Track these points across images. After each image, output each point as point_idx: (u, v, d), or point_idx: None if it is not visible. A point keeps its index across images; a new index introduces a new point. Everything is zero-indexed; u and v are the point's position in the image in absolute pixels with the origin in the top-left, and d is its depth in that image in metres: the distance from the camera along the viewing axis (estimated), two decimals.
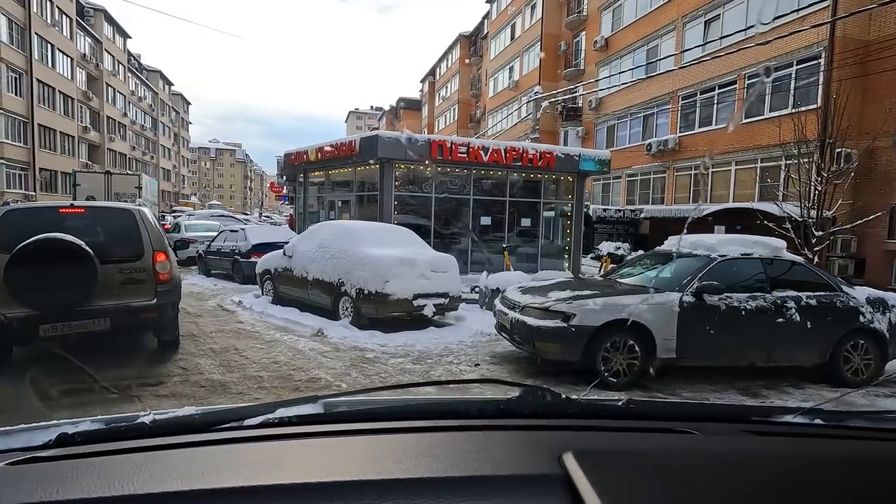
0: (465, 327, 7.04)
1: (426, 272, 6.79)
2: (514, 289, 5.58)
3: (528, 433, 0.91)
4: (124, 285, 4.79)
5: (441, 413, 0.99)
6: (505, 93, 36.22)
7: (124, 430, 0.88)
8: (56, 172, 32.21)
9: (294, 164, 15.97)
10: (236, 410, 0.96)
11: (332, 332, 6.42)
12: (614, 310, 4.57)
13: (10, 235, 4.34)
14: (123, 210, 5.09)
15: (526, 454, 0.79)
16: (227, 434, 0.86)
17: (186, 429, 0.89)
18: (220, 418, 0.93)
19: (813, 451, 0.93)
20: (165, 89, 60.37)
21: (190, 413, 0.95)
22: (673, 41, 21.71)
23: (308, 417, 0.93)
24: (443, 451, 0.79)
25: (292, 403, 0.96)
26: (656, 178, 22.98)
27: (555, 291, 4.96)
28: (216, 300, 9.10)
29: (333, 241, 7.41)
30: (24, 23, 28.96)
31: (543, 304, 4.73)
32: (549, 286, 5.44)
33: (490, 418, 0.98)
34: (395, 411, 1.00)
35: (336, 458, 0.79)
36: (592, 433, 0.95)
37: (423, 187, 13.07)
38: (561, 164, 13.71)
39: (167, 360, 5.14)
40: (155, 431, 0.87)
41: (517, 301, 5.07)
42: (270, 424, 0.90)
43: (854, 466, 0.82)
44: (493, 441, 0.86)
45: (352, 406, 1.07)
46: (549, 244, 14.76)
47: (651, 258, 6.08)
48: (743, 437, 1.00)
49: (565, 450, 0.75)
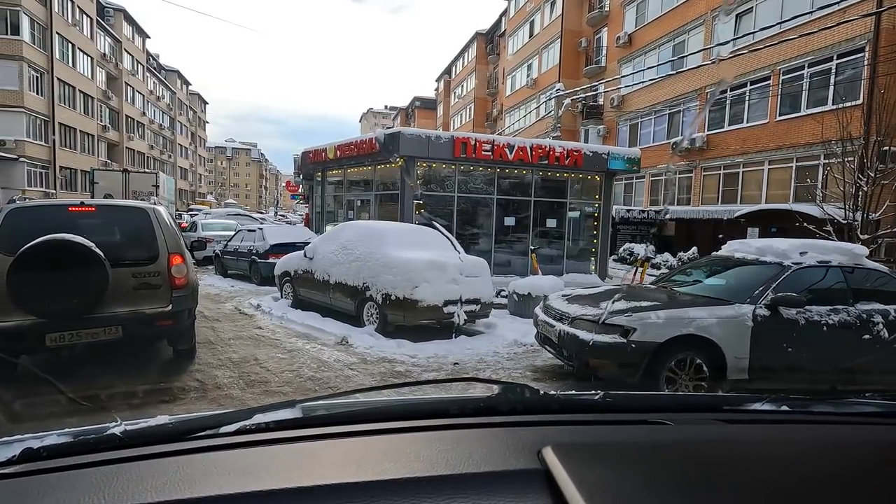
0: (497, 336, 6.56)
1: (457, 277, 6.33)
2: (557, 297, 5.08)
3: (508, 430, 0.91)
4: (137, 291, 4.41)
5: (421, 413, 0.98)
6: (523, 91, 35.61)
7: (93, 442, 0.84)
8: (76, 171, 32.46)
9: (312, 162, 15.64)
10: (212, 417, 0.92)
11: (357, 341, 5.99)
12: (680, 324, 4.05)
13: (15, 236, 3.98)
14: (137, 209, 4.71)
15: (506, 451, 0.79)
16: (203, 442, 0.84)
17: (159, 438, 0.85)
18: (194, 426, 0.89)
19: (780, 436, 0.96)
20: (183, 89, 60.86)
21: (163, 422, 0.91)
22: (701, 36, 20.95)
23: (286, 422, 0.91)
24: (423, 452, 0.79)
25: (270, 409, 0.94)
26: (682, 177, 22.22)
27: (608, 302, 4.45)
28: (233, 303, 8.75)
29: (358, 242, 6.98)
30: (45, 22, 29.18)
31: (598, 316, 4.22)
32: (597, 295, 4.94)
33: (470, 416, 0.98)
34: (374, 413, 0.99)
35: (315, 462, 0.78)
36: (571, 427, 0.95)
37: (445, 186, 12.61)
38: (589, 162, 13.15)
39: (183, 371, 4.75)
40: (126, 442, 0.84)
41: (565, 312, 4.58)
42: (247, 431, 0.87)
43: (818, 450, 0.86)
44: (474, 439, 0.87)
45: (330, 409, 1.03)
46: (573, 246, 14.20)
47: (708, 264, 5.53)
48: (715, 425, 1.01)
49: (544, 445, 0.76)
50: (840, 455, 0.85)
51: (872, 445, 0.93)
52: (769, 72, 17.76)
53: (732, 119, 19.54)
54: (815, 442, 0.92)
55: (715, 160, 20.17)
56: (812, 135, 14.82)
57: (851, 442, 0.94)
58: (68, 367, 4.30)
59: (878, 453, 0.89)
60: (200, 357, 5.19)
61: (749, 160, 18.67)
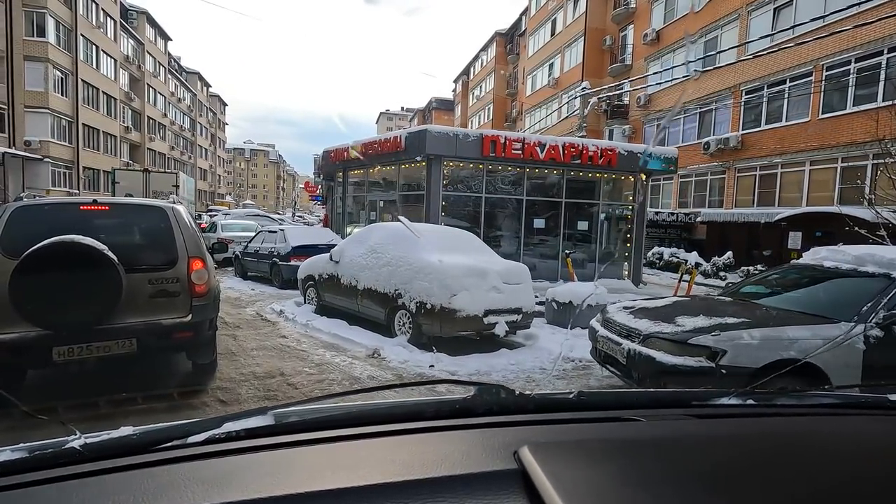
0: (541, 349, 6.00)
1: (498, 284, 5.78)
2: (619, 310, 4.50)
3: (484, 431, 0.90)
4: (154, 299, 3.96)
5: (396, 417, 0.97)
6: (544, 90, 34.93)
7: (51, 456, 0.79)
8: (99, 171, 32.74)
9: (333, 161, 15.25)
10: (179, 427, 0.86)
11: (389, 354, 5.48)
12: (778, 346, 3.44)
13: (19, 238, 3.56)
14: (154, 208, 4.26)
15: (482, 452, 0.79)
16: (169, 453, 0.80)
17: (123, 451, 0.81)
18: (160, 437, 0.84)
19: (747, 429, 1.01)
20: (203, 91, 61.45)
21: (126, 433, 0.85)
22: (735, 31, 20.07)
23: (257, 430, 0.88)
24: (398, 456, 0.79)
25: (240, 416, 0.91)
26: (714, 178, 21.33)
27: (686, 317, 3.86)
28: (255, 307, 8.33)
29: (388, 245, 6.48)
30: (70, 24, 29.48)
31: (678, 334, 3.64)
32: (667, 308, 4.34)
33: (446, 419, 0.97)
34: (349, 418, 0.97)
35: (288, 470, 0.75)
36: (546, 427, 0.95)
37: (471, 187, 12.08)
38: (623, 162, 12.50)
39: (202, 388, 4.29)
40: (87, 456, 0.79)
41: (634, 328, 4.00)
42: (217, 440, 0.84)
43: (783, 440, 0.90)
44: (450, 441, 0.87)
45: (303, 416, 0.97)
46: (604, 250, 13.54)
47: (789, 274, 4.89)
48: (685, 420, 1.03)
49: (521, 445, 0.76)
50: (801, 445, 0.89)
51: (831, 435, 0.96)
52: (810, 68, 16.85)
53: (770, 117, 18.63)
54: (778, 433, 0.96)
55: (750, 160, 19.27)
56: (861, 133, 13.93)
57: (812, 432, 0.98)
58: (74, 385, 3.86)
59: (834, 442, 0.92)
60: (221, 371, 4.74)
61: (788, 160, 17.75)
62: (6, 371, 3.60)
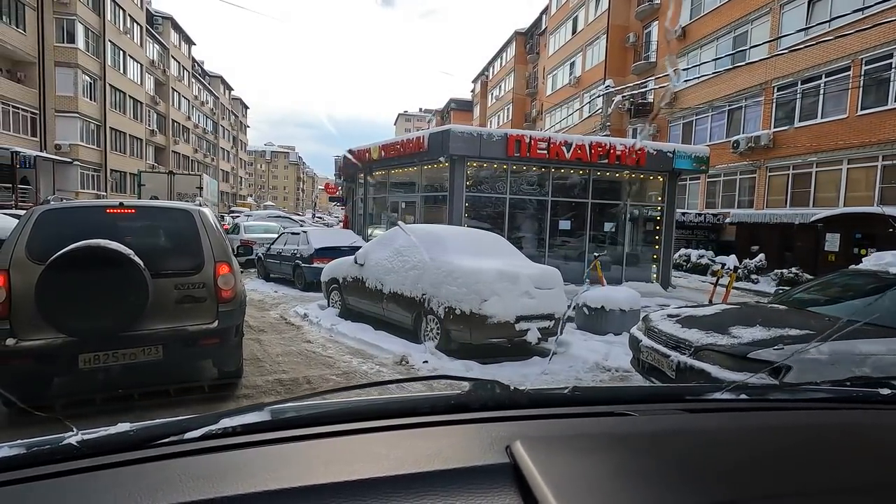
0: (574, 358, 5.74)
1: (530, 289, 5.55)
2: (664, 319, 4.23)
3: (477, 426, 0.91)
4: (180, 305, 3.85)
5: (391, 412, 0.96)
6: (565, 90, 34.46)
7: (48, 452, 0.80)
8: (125, 173, 33.45)
9: (354, 162, 15.18)
10: (176, 423, 0.87)
11: (417, 361, 5.30)
12: (851, 361, 3.14)
13: (46, 242, 3.48)
14: (181, 211, 4.15)
15: (476, 446, 0.80)
16: (166, 449, 0.81)
17: (120, 447, 0.81)
18: (157, 433, 0.85)
19: (739, 423, 1.00)
20: (226, 94, 62.48)
21: (124, 430, 0.86)
22: (767, 26, 19.40)
23: (254, 426, 0.88)
24: (392, 451, 0.79)
25: (237, 413, 0.91)
26: (744, 178, 20.65)
27: (740, 328, 3.58)
28: (279, 310, 8.25)
29: (415, 248, 6.30)
30: (98, 30, 30.17)
31: (735, 347, 3.36)
32: (717, 317, 4.05)
33: (440, 414, 0.97)
34: (344, 414, 0.98)
35: (283, 465, 0.75)
36: (539, 421, 0.95)
37: (495, 187, 11.84)
38: (652, 161, 12.11)
39: (227, 396, 4.17)
40: (85, 452, 0.79)
41: (684, 339, 3.73)
42: (213, 436, 0.84)
43: (775, 434, 0.90)
44: (443, 436, 0.87)
45: (300, 411, 0.98)
46: (631, 252, 13.15)
47: (846, 281, 4.54)
48: (677, 415, 1.04)
49: (513, 439, 0.77)
50: (793, 439, 0.89)
51: (822, 429, 0.97)
52: (848, 62, 16.15)
53: (803, 114, 17.92)
54: (770, 427, 0.96)
55: (782, 159, 18.59)
56: None
57: (803, 426, 0.98)
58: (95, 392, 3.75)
59: (827, 435, 0.92)
60: (247, 378, 4.61)
61: (824, 159, 17.05)
62: (32, 378, 3.52)
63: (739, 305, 4.77)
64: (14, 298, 3.39)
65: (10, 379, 3.47)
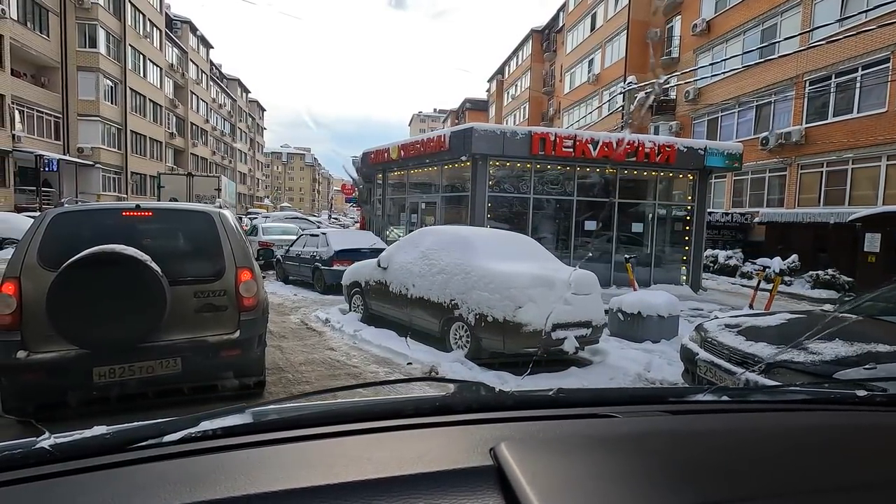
0: (613, 368, 5.38)
1: (566, 295, 5.19)
2: (722, 329, 3.84)
3: (462, 428, 0.90)
4: (199, 314, 3.60)
5: (375, 414, 0.96)
6: (584, 87, 33.88)
7: (20, 457, 0.78)
8: (145, 176, 33.86)
9: (373, 163, 14.95)
10: (153, 426, 0.85)
11: (447, 372, 4.99)
12: None
13: (59, 247, 3.26)
14: (200, 213, 3.91)
15: (460, 449, 0.79)
16: (143, 453, 0.79)
17: (95, 451, 0.79)
18: (134, 436, 0.83)
19: (721, 425, 1.01)
20: (243, 96, 63.06)
21: (99, 433, 0.84)
22: (798, 18, 18.67)
23: (234, 428, 0.87)
24: (375, 453, 0.78)
25: (217, 415, 0.89)
26: (773, 176, 19.92)
27: (817, 342, 3.19)
28: (299, 314, 8.02)
29: (442, 251, 6.00)
30: (119, 35, 30.56)
31: (818, 365, 2.97)
32: (784, 327, 3.66)
33: (425, 416, 0.96)
34: (326, 417, 0.96)
35: (263, 468, 0.74)
36: (524, 423, 0.94)
37: (519, 187, 11.49)
38: (683, 159, 11.63)
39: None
40: (58, 457, 0.77)
41: (750, 353, 3.34)
42: (193, 439, 0.83)
43: (756, 436, 0.91)
44: (428, 438, 0.87)
45: (281, 413, 0.96)
46: (659, 253, 12.66)
47: None
48: (660, 417, 1.02)
49: (498, 442, 0.76)
50: (773, 440, 0.89)
51: (802, 430, 0.97)
52: (887, 53, 15.40)
53: (838, 109, 17.17)
54: (751, 428, 0.96)
55: (815, 156, 17.85)
56: None
57: (783, 427, 0.99)
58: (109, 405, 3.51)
59: (806, 436, 0.93)
60: (269, 388, 4.36)
61: (861, 155, 16.30)
62: (44, 393, 3.30)
63: (804, 314, 4.35)
64: (25, 308, 3.18)
65: (22, 394, 3.25)
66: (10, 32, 22.45)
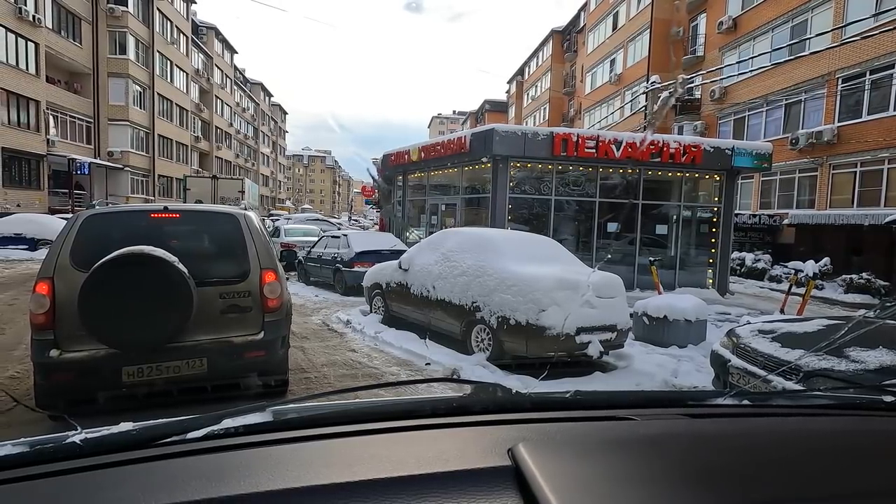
0: (639, 373, 5.25)
1: (591, 298, 5.10)
2: (756, 335, 3.71)
3: (479, 429, 0.91)
4: (224, 315, 3.63)
5: (393, 415, 0.96)
6: (605, 87, 33.47)
7: (52, 451, 0.80)
8: (171, 179, 34.69)
9: (393, 165, 15.01)
10: (178, 423, 0.87)
11: (469, 375, 4.93)
12: None
13: (90, 249, 3.32)
14: (226, 215, 3.95)
15: (477, 449, 0.79)
16: (168, 449, 0.81)
17: (123, 446, 0.82)
18: (160, 432, 0.85)
19: (741, 429, 0.98)
20: (266, 100, 64.15)
21: (126, 429, 0.87)
22: (829, 13, 18.09)
23: (255, 426, 0.88)
24: (393, 453, 0.79)
25: (239, 413, 0.91)
26: (803, 176, 19.31)
27: (858, 349, 3.04)
28: (320, 316, 8.07)
29: (464, 253, 5.95)
30: (148, 42, 31.42)
31: (862, 375, 2.83)
32: (822, 333, 3.51)
33: (442, 417, 0.96)
34: (345, 416, 0.97)
35: (285, 466, 0.75)
36: (541, 425, 0.93)
37: (540, 189, 11.37)
38: (709, 159, 11.35)
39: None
40: (88, 451, 0.80)
41: (787, 360, 3.21)
42: (216, 436, 0.85)
43: (777, 440, 0.89)
44: (445, 438, 0.87)
45: (301, 413, 0.98)
46: (684, 255, 12.37)
47: None
48: (679, 420, 1.02)
49: (515, 442, 0.76)
50: (795, 445, 0.88)
51: (825, 435, 0.94)
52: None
53: (873, 107, 16.56)
54: (773, 433, 0.94)
55: (848, 156, 17.24)
56: None
57: (806, 432, 0.96)
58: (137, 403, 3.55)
59: (830, 442, 0.90)
60: (292, 389, 4.37)
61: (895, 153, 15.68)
62: (76, 392, 3.36)
63: (843, 320, 4.18)
64: (58, 308, 3.25)
65: (54, 392, 3.32)
66: (46, 41, 23.28)
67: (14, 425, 3.26)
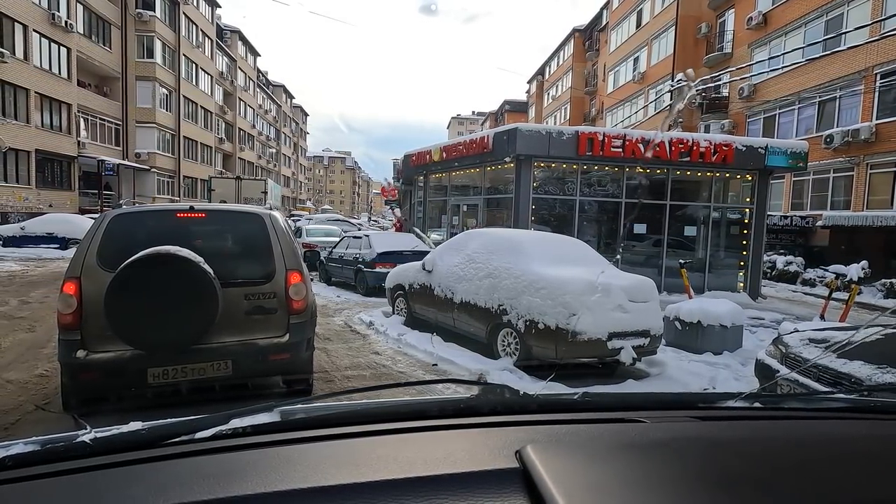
0: (674, 381, 5.03)
1: (623, 302, 4.90)
2: (806, 344, 3.48)
3: (487, 430, 0.90)
4: (250, 316, 3.56)
5: (400, 415, 0.96)
6: (628, 86, 32.88)
7: (63, 450, 0.81)
8: (196, 179, 35.35)
9: (414, 165, 14.94)
10: (186, 423, 0.88)
11: (496, 380, 4.77)
12: None
13: (118, 248, 3.28)
14: (251, 215, 3.89)
15: (485, 450, 0.79)
16: (177, 448, 0.82)
17: (133, 445, 0.83)
18: (168, 432, 0.86)
19: (752, 432, 0.97)
20: (287, 102, 64.99)
21: (135, 428, 0.87)
22: (867, 6, 17.38)
23: (263, 426, 0.88)
24: (401, 454, 0.79)
25: (247, 413, 0.91)
26: (838, 176, 18.59)
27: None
28: (343, 317, 8.02)
29: (490, 254, 5.81)
30: (174, 46, 32.08)
31: None
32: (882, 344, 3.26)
33: (450, 418, 0.96)
34: (353, 416, 0.97)
35: (292, 466, 0.75)
36: (550, 427, 0.93)
37: (565, 189, 11.14)
38: (741, 158, 10.96)
39: None
40: (97, 450, 0.81)
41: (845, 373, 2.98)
42: (224, 436, 0.85)
43: (790, 444, 0.87)
44: (453, 440, 0.87)
45: (309, 413, 0.98)
46: (713, 258, 11.98)
47: None
48: (689, 423, 1.00)
49: (523, 444, 0.76)
50: (809, 449, 0.86)
51: (841, 439, 0.93)
52: None
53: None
54: (786, 437, 0.93)
55: (887, 155, 16.53)
56: None
57: (821, 436, 0.95)
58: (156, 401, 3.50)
59: (846, 447, 0.88)
60: (315, 393, 4.28)
61: None
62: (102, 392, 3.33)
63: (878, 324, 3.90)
64: (85, 308, 3.22)
65: (80, 393, 3.30)
66: (77, 45, 23.94)
67: (25, 423, 3.26)
